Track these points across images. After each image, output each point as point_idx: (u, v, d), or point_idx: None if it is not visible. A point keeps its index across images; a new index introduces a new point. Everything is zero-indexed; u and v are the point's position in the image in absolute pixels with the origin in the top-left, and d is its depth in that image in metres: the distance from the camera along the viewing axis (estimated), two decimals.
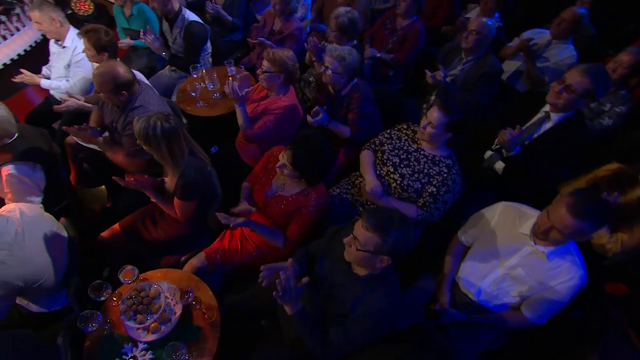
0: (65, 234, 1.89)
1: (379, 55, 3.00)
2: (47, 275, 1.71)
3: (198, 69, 2.72)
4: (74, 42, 2.65)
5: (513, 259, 1.65)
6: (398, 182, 1.98)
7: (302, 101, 2.94)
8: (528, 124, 2.12)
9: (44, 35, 3.90)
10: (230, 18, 3.38)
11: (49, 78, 2.83)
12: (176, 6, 2.87)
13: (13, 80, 2.74)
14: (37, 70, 2.88)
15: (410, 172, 1.97)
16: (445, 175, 1.91)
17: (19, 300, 1.78)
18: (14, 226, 1.60)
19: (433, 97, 2.74)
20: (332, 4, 3.29)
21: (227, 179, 2.25)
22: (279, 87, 2.25)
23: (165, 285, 1.73)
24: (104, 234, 2.05)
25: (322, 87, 2.43)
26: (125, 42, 3.18)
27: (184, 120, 2.63)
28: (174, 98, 2.86)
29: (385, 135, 2.13)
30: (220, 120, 2.64)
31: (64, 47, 2.69)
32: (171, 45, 3.07)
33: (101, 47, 2.28)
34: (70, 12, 4.36)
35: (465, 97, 2.55)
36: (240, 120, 2.24)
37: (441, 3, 3.51)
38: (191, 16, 2.93)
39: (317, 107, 2.25)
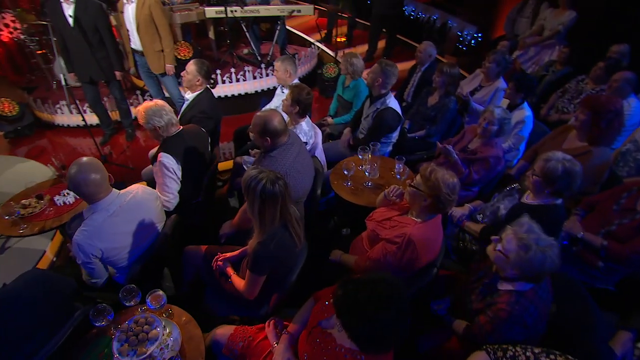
0: (160, 228, 2.02)
1: (580, 236, 2.11)
2: (120, 256, 1.85)
3: (366, 151, 2.62)
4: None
5: None
6: None
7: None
8: None
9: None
10: (422, 134, 3.32)
11: None
12: (383, 91, 2.94)
13: None
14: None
15: None
16: None
17: None
18: (118, 204, 1.78)
19: None
20: (553, 146, 2.56)
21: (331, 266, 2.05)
22: (422, 210, 1.80)
23: (176, 333, 1.57)
24: (190, 247, 2.12)
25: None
26: (328, 121, 3.69)
27: (319, 192, 2.53)
28: (330, 170, 2.82)
29: (527, 354, 1.34)
30: (359, 208, 2.40)
31: (283, 91, 3.22)
32: (362, 120, 3.17)
33: (296, 101, 2.55)
34: (320, 72, 5.33)
35: None
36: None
37: None
38: (392, 103, 2.93)
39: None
